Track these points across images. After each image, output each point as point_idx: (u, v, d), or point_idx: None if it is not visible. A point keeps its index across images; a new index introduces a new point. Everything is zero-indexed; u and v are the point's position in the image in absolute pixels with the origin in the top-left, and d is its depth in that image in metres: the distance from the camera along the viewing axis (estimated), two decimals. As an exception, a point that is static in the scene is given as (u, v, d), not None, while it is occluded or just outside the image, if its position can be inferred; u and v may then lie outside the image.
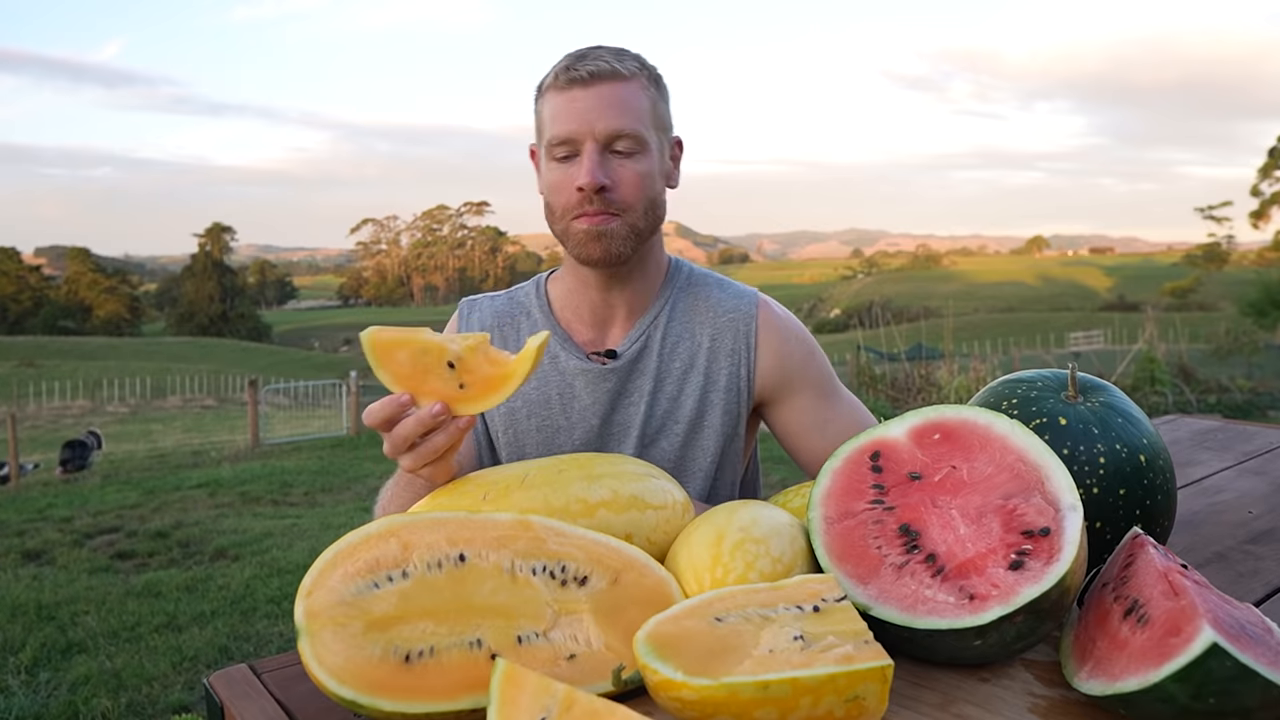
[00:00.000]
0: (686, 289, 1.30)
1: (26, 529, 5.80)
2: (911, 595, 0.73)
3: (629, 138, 1.14)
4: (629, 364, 1.25)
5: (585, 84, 1.13)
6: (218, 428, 14.23)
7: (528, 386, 1.26)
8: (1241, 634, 0.63)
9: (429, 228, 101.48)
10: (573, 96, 1.14)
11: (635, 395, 1.26)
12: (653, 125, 1.18)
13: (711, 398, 1.26)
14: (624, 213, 1.16)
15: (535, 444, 1.27)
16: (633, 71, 1.16)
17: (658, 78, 1.21)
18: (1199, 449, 1.53)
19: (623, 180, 1.15)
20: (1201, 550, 1.05)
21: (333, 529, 5.58)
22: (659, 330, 1.27)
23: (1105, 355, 13.45)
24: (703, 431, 1.26)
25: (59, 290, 64.58)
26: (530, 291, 1.33)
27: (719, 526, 0.79)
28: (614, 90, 1.14)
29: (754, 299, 1.30)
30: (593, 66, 1.13)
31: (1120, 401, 0.91)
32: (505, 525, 0.75)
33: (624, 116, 1.14)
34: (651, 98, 1.18)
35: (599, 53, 1.16)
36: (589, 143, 1.13)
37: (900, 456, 0.83)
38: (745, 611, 0.69)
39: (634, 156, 1.15)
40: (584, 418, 1.25)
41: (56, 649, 3.59)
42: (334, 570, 0.70)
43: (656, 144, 1.19)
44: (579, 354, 1.26)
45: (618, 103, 1.14)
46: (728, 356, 1.26)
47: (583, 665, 0.70)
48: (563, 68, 1.15)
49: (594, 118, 1.13)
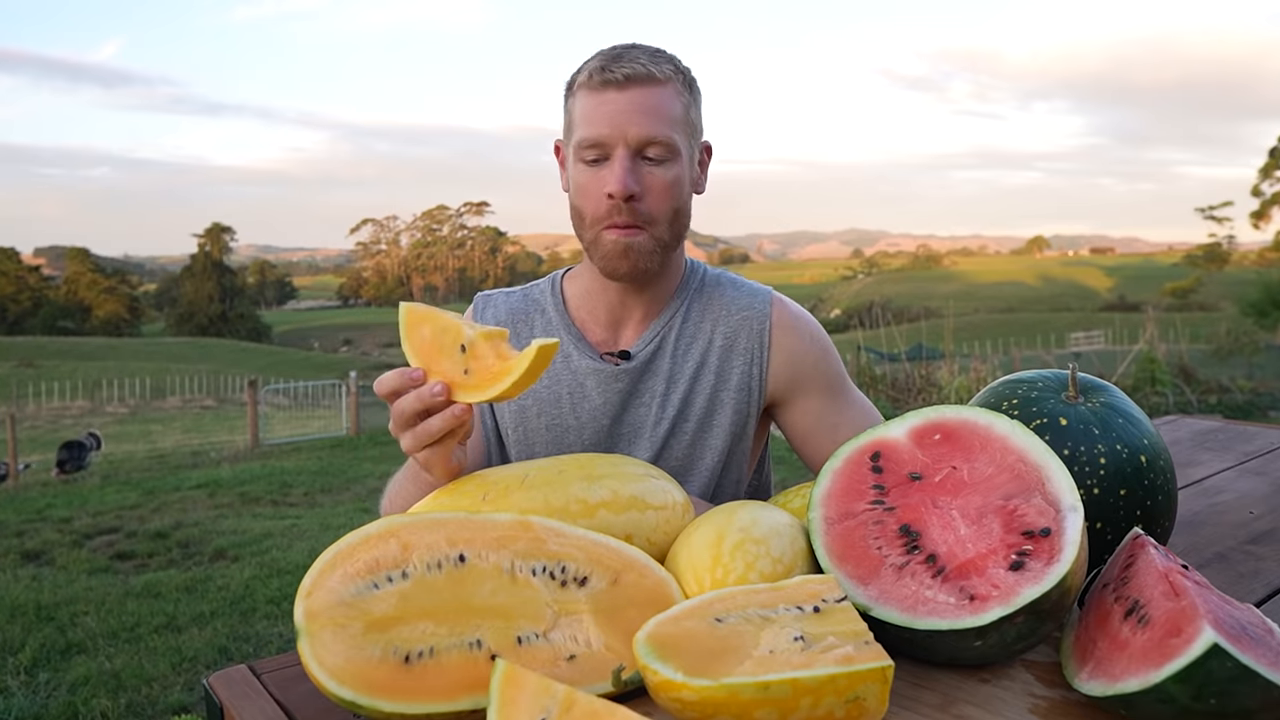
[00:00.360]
0: (701, 290, 1.29)
1: (26, 529, 5.79)
2: (912, 596, 0.73)
3: (661, 144, 1.12)
4: (642, 365, 1.24)
5: (620, 86, 1.11)
6: (217, 428, 14.23)
7: (539, 385, 1.25)
8: (1242, 635, 0.63)
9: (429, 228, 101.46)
10: (606, 99, 1.11)
11: (646, 396, 1.25)
12: (684, 131, 1.16)
13: (722, 396, 1.25)
14: (650, 225, 1.15)
15: (545, 443, 1.26)
16: (668, 75, 1.14)
17: (692, 81, 1.19)
18: (1200, 449, 1.53)
19: (652, 188, 1.13)
20: (1202, 551, 1.05)
21: (332, 529, 5.58)
22: (673, 332, 1.26)
23: (1106, 355, 13.44)
24: (711, 430, 1.25)
25: (58, 290, 64.51)
26: (545, 289, 1.32)
27: (719, 527, 0.79)
28: (648, 95, 1.12)
29: (768, 297, 1.29)
30: (628, 69, 1.11)
31: (1121, 402, 0.91)
32: (505, 526, 0.75)
33: (657, 123, 1.11)
34: (685, 103, 1.16)
35: (634, 54, 1.14)
36: (620, 148, 1.11)
37: (900, 457, 0.82)
38: (745, 612, 0.69)
39: (665, 164, 1.13)
40: (594, 418, 1.25)
41: (56, 649, 3.59)
42: (333, 571, 0.69)
43: (687, 150, 1.17)
44: (592, 354, 1.25)
45: (651, 108, 1.11)
46: (741, 355, 1.26)
47: (583, 666, 0.70)
48: (597, 67, 1.13)
49: (626, 122, 1.11)
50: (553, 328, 1.28)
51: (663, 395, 1.24)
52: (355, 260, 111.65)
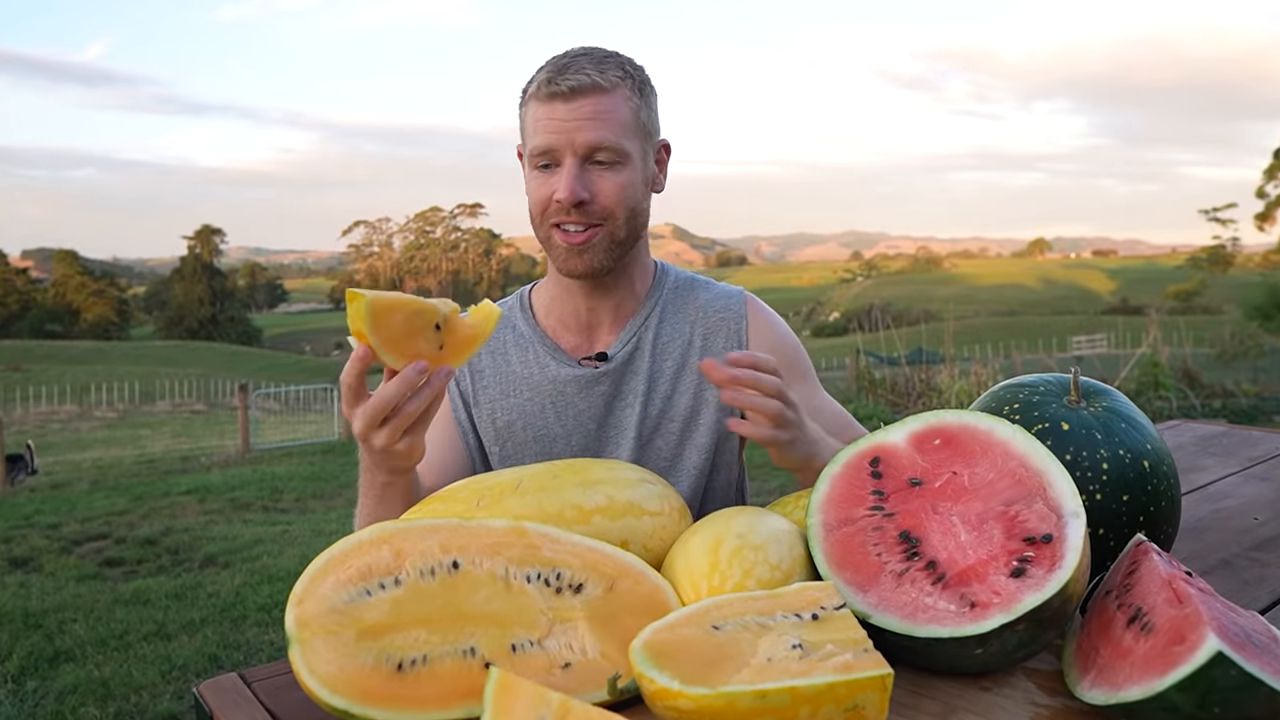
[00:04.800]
0: (674, 291, 1.31)
1: (13, 536, 5.74)
2: (912, 603, 0.72)
3: (609, 149, 1.15)
4: (621, 366, 1.26)
5: (566, 98, 1.13)
6: (207, 433, 14.14)
7: (522, 399, 1.26)
8: (1246, 642, 0.62)
9: (422, 229, 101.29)
10: (553, 109, 1.14)
11: (630, 397, 1.26)
12: (635, 135, 1.18)
13: (706, 395, 1.26)
14: (605, 221, 1.17)
15: (533, 454, 1.26)
16: (614, 82, 1.16)
17: (643, 83, 1.21)
18: (1203, 454, 1.52)
19: (602, 191, 1.15)
20: (1206, 557, 1.04)
21: (324, 536, 5.55)
22: (650, 331, 1.27)
23: (1108, 359, 13.42)
24: (697, 429, 1.27)
25: (46, 293, 64.23)
26: (514, 304, 1.34)
27: (716, 533, 0.79)
28: (595, 103, 1.14)
29: (741, 297, 1.32)
30: (573, 81, 1.13)
31: (1123, 406, 0.90)
32: (499, 532, 0.74)
33: (603, 129, 1.14)
34: (634, 107, 1.18)
35: (580, 64, 1.16)
36: (568, 156, 1.14)
37: (900, 462, 0.82)
38: (743, 619, 0.68)
39: (614, 168, 1.16)
40: (580, 423, 1.25)
41: (44, 658, 3.55)
42: (326, 577, 0.69)
43: (639, 153, 1.19)
44: (569, 361, 1.26)
45: (598, 115, 1.14)
46: (719, 355, 1.25)
47: (578, 674, 0.69)
48: (545, 79, 1.15)
49: (574, 130, 1.13)
50: (524, 341, 1.29)
51: (644, 395, 1.25)
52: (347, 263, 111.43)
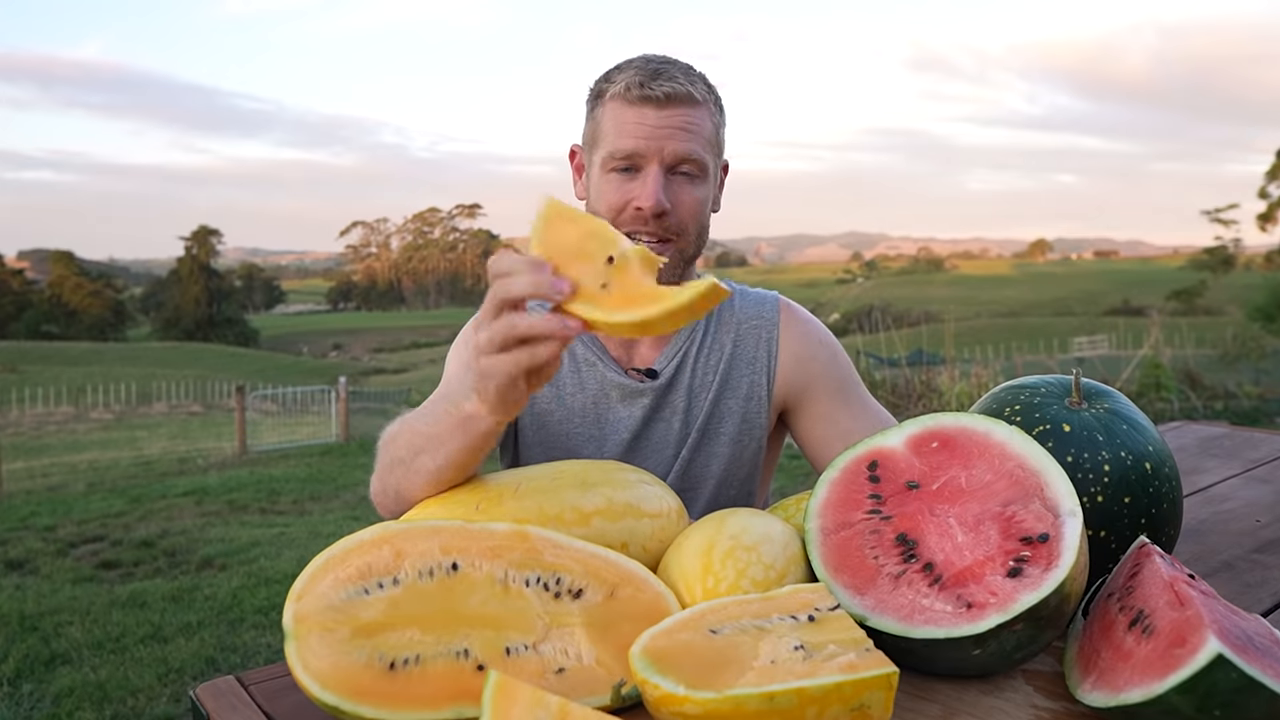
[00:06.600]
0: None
1: (9, 538, 5.73)
2: (909, 605, 0.72)
3: (694, 162, 1.14)
4: (666, 383, 1.23)
5: (659, 104, 1.12)
6: (204, 434, 14.12)
7: (567, 390, 1.23)
8: (1248, 645, 0.62)
9: (420, 231, 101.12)
10: (643, 114, 1.12)
11: (667, 412, 1.23)
12: (713, 151, 1.18)
13: (730, 404, 1.24)
14: (678, 237, 1.16)
15: (563, 451, 1.23)
16: (703, 95, 1.16)
17: (720, 101, 1.21)
18: (1205, 456, 1.51)
19: (682, 204, 1.14)
20: (1208, 559, 1.04)
21: (322, 538, 5.54)
22: (694, 346, 1.25)
23: (1110, 361, 13.37)
24: (718, 439, 1.23)
25: (42, 294, 64.06)
26: None
27: (709, 535, 0.79)
28: (686, 114, 1.13)
29: (775, 303, 1.29)
30: (668, 88, 1.12)
31: (1125, 408, 0.90)
32: (501, 535, 0.74)
33: (692, 141, 1.13)
34: (716, 123, 1.18)
35: (672, 71, 1.14)
36: (654, 164, 1.12)
37: (898, 466, 0.82)
38: (740, 623, 0.68)
39: (694, 181, 1.15)
40: (615, 431, 1.22)
41: (40, 660, 3.54)
42: (325, 575, 0.69)
43: (713, 170, 1.19)
44: (616, 368, 1.24)
45: (688, 126, 1.13)
46: (748, 364, 1.25)
47: (571, 679, 0.69)
48: (636, 81, 1.13)
49: (665, 139, 1.12)
50: (579, 338, 1.25)
51: (685, 411, 1.23)
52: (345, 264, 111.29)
